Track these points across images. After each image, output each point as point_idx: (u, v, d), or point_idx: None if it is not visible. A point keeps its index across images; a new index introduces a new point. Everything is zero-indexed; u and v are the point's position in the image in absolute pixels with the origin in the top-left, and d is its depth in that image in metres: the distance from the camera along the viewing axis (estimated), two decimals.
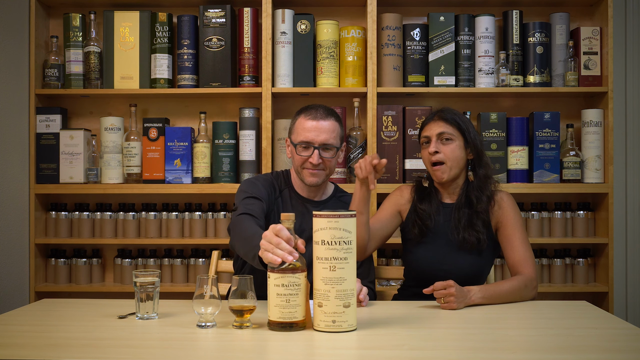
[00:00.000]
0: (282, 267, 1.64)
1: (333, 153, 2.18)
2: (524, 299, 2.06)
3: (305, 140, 2.15)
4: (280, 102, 3.16)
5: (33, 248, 3.04)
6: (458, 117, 2.19)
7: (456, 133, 2.17)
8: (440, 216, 2.21)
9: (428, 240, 2.21)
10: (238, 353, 1.56)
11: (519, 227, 2.17)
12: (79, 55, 3.06)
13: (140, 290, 1.81)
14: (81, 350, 1.53)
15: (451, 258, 2.15)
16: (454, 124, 2.17)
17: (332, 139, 2.16)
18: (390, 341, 1.61)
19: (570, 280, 3.09)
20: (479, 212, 2.15)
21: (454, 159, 2.16)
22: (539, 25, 3.04)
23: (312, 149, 2.14)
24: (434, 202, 2.23)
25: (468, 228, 2.14)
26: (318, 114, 2.17)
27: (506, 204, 2.19)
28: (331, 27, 3.02)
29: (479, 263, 2.16)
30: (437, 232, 2.20)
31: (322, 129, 2.14)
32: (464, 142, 2.17)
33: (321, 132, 2.14)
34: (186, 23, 3.04)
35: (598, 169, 3.01)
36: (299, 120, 2.20)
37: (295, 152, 2.17)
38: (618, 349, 1.55)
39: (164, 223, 3.10)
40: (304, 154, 2.16)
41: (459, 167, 2.18)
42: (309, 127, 2.15)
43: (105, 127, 3.05)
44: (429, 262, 2.18)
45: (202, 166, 3.02)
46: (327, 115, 2.17)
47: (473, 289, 1.96)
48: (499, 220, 2.19)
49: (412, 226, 2.22)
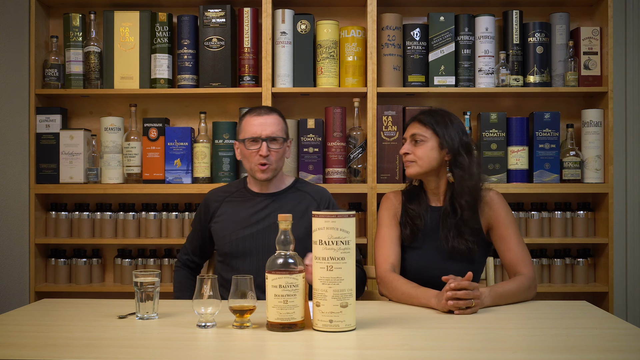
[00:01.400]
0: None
1: (280, 144, 2.31)
2: (527, 300, 2.06)
3: (253, 135, 2.29)
4: (280, 102, 3.16)
5: (33, 248, 3.04)
6: (435, 119, 2.18)
7: (429, 134, 2.17)
8: (428, 217, 2.20)
9: (419, 246, 2.19)
10: (238, 353, 1.56)
11: (512, 226, 2.16)
12: (79, 55, 3.06)
13: (140, 290, 1.81)
14: (81, 350, 1.53)
15: (443, 265, 2.13)
16: (429, 125, 2.18)
17: (278, 131, 2.31)
18: (390, 341, 1.61)
19: (570, 280, 3.09)
20: (466, 220, 2.13)
21: (423, 158, 2.17)
22: (539, 25, 3.04)
23: (260, 141, 2.28)
24: (422, 203, 2.23)
25: (457, 237, 2.13)
26: (262, 111, 2.34)
27: (496, 203, 2.18)
28: (331, 27, 3.02)
29: (471, 269, 2.09)
30: (427, 236, 2.18)
31: (267, 123, 2.30)
32: (438, 143, 2.17)
33: (267, 126, 2.30)
34: (186, 23, 3.04)
35: (598, 169, 3.01)
36: (245, 120, 2.34)
37: (245, 148, 2.30)
38: (618, 349, 1.55)
39: (164, 223, 3.10)
40: (252, 147, 2.29)
41: (429, 166, 2.17)
42: (255, 122, 2.31)
43: (105, 127, 3.05)
44: (421, 268, 2.16)
45: (202, 166, 3.02)
46: (271, 111, 2.35)
47: (484, 292, 1.94)
48: (490, 221, 2.17)
49: (403, 227, 2.22)
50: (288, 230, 1.70)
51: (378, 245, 2.22)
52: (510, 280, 2.10)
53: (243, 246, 2.31)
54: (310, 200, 2.37)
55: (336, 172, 2.99)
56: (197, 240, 2.45)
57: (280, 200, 2.35)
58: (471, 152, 2.20)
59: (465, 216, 2.14)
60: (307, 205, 2.35)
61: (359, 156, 3.00)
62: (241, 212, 2.35)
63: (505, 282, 2.08)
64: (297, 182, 2.44)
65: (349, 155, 3.01)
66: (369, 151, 2.96)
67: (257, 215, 2.33)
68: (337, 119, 2.99)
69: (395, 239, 2.21)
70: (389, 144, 2.98)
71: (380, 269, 2.15)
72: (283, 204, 2.34)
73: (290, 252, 1.69)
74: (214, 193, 2.45)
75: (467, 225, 2.14)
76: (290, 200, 2.36)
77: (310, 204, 2.35)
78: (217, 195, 2.42)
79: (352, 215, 1.66)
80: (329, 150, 3.00)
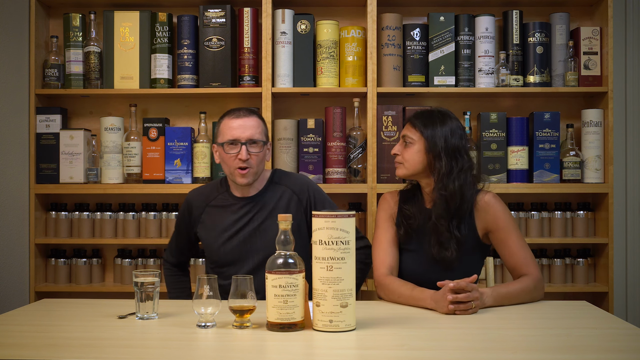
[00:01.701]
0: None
1: (260, 147, 2.25)
2: (534, 300, 2.04)
3: (232, 138, 2.23)
4: (280, 102, 3.16)
5: (33, 248, 3.04)
6: (424, 122, 2.15)
7: (417, 137, 2.16)
8: (422, 218, 2.17)
9: (414, 248, 2.18)
10: (238, 353, 1.56)
11: (511, 229, 2.12)
12: (79, 55, 3.06)
13: (140, 290, 1.81)
14: (81, 350, 1.53)
15: (436, 269, 2.10)
16: (417, 128, 2.16)
17: (257, 134, 2.25)
18: (390, 341, 1.61)
19: (570, 280, 3.09)
20: (441, 231, 2.09)
21: (409, 161, 2.16)
22: (539, 25, 3.04)
23: (240, 145, 2.22)
24: (417, 204, 2.21)
25: (436, 245, 2.10)
26: (241, 113, 2.27)
27: (493, 207, 2.13)
28: (331, 27, 3.02)
29: (465, 274, 2.04)
30: (421, 237, 2.16)
31: (247, 125, 2.24)
32: (425, 146, 2.14)
33: (246, 129, 2.23)
34: (186, 23, 3.04)
35: (598, 169, 3.01)
36: (223, 122, 2.28)
37: (224, 152, 2.24)
38: (618, 349, 1.55)
39: (164, 223, 3.10)
40: (232, 152, 2.23)
41: (415, 169, 2.16)
42: (235, 125, 2.24)
43: (105, 127, 3.05)
44: (415, 272, 2.14)
45: (202, 166, 3.02)
46: (250, 113, 2.28)
47: (486, 292, 1.94)
48: (487, 225, 2.14)
49: (398, 228, 2.20)
50: (288, 230, 1.70)
51: (375, 248, 2.21)
52: (514, 281, 2.08)
53: (232, 255, 2.29)
54: (289, 194, 2.33)
55: (336, 172, 2.99)
56: (183, 242, 2.44)
57: (261, 201, 2.31)
58: (456, 157, 2.13)
59: (440, 226, 2.09)
60: (288, 200, 2.32)
61: (359, 156, 3.00)
62: (224, 219, 2.31)
63: (509, 282, 2.07)
64: (275, 175, 2.38)
65: (349, 155, 3.01)
66: (369, 151, 2.96)
67: (241, 221, 2.30)
68: (337, 119, 2.99)
69: (392, 240, 2.20)
70: (389, 144, 2.98)
71: (377, 273, 2.14)
72: (264, 204, 2.30)
73: (290, 252, 1.69)
74: (195, 197, 2.39)
75: (453, 237, 2.09)
76: (271, 199, 2.31)
77: (290, 198, 2.32)
78: (199, 200, 2.37)
79: (352, 215, 1.66)
80: (329, 150, 3.00)
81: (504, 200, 2.19)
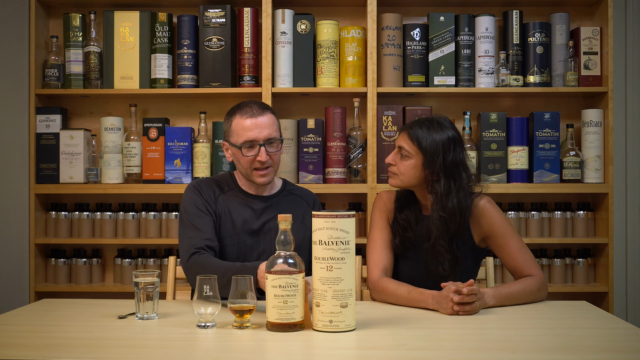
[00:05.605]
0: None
1: (277, 145, 2.15)
2: (537, 300, 2.04)
3: (249, 139, 2.10)
4: (280, 102, 3.16)
5: (33, 248, 3.04)
6: (424, 135, 2.08)
7: (414, 151, 2.09)
8: (418, 227, 2.14)
9: (410, 256, 2.15)
10: (238, 353, 1.56)
11: (509, 233, 2.10)
12: (79, 55, 3.06)
13: (140, 290, 1.81)
14: (81, 350, 1.53)
15: (432, 278, 2.07)
16: (415, 142, 2.08)
17: (274, 132, 2.13)
18: (390, 341, 1.61)
19: (570, 280, 3.09)
20: (439, 250, 2.06)
21: (405, 174, 2.10)
22: (539, 25, 3.04)
23: (258, 146, 2.10)
24: (413, 212, 2.17)
25: (438, 263, 2.08)
26: (254, 110, 2.13)
27: (489, 212, 2.11)
28: (331, 27, 3.02)
29: (460, 279, 2.03)
30: (417, 247, 2.13)
31: (263, 125, 2.11)
32: (422, 162, 2.08)
33: (263, 128, 2.11)
34: (186, 23, 3.04)
35: (598, 169, 3.01)
36: (235, 121, 2.14)
37: (241, 154, 2.12)
38: (618, 349, 1.55)
39: (164, 223, 3.10)
40: (250, 153, 2.11)
41: (410, 183, 2.11)
42: (249, 125, 2.10)
43: (105, 127, 3.05)
44: (413, 279, 2.09)
45: (202, 166, 3.02)
46: (263, 110, 2.14)
47: (487, 292, 1.93)
48: (484, 230, 2.12)
49: (394, 236, 2.16)
50: (288, 231, 1.70)
51: (369, 249, 2.16)
52: (517, 281, 2.07)
53: (244, 254, 2.16)
54: (305, 206, 2.26)
55: (336, 172, 2.99)
56: (210, 223, 2.13)
57: (279, 204, 2.21)
58: (454, 175, 2.07)
59: (439, 247, 2.06)
60: (303, 212, 2.23)
61: (359, 156, 3.00)
62: (238, 216, 2.16)
63: (511, 283, 2.06)
64: (287, 185, 2.30)
65: (349, 155, 3.01)
66: (369, 151, 2.96)
67: (258, 221, 2.17)
68: (337, 119, 2.99)
69: (387, 241, 2.16)
70: (389, 144, 2.98)
71: (371, 275, 2.10)
72: (281, 210, 2.17)
73: (290, 252, 1.69)
74: (202, 183, 2.20)
75: (443, 256, 2.06)
76: (288, 205, 2.22)
77: (305, 211, 2.24)
78: (207, 186, 2.19)
79: (352, 215, 1.66)
80: (329, 150, 3.00)
81: (504, 200, 2.19)
